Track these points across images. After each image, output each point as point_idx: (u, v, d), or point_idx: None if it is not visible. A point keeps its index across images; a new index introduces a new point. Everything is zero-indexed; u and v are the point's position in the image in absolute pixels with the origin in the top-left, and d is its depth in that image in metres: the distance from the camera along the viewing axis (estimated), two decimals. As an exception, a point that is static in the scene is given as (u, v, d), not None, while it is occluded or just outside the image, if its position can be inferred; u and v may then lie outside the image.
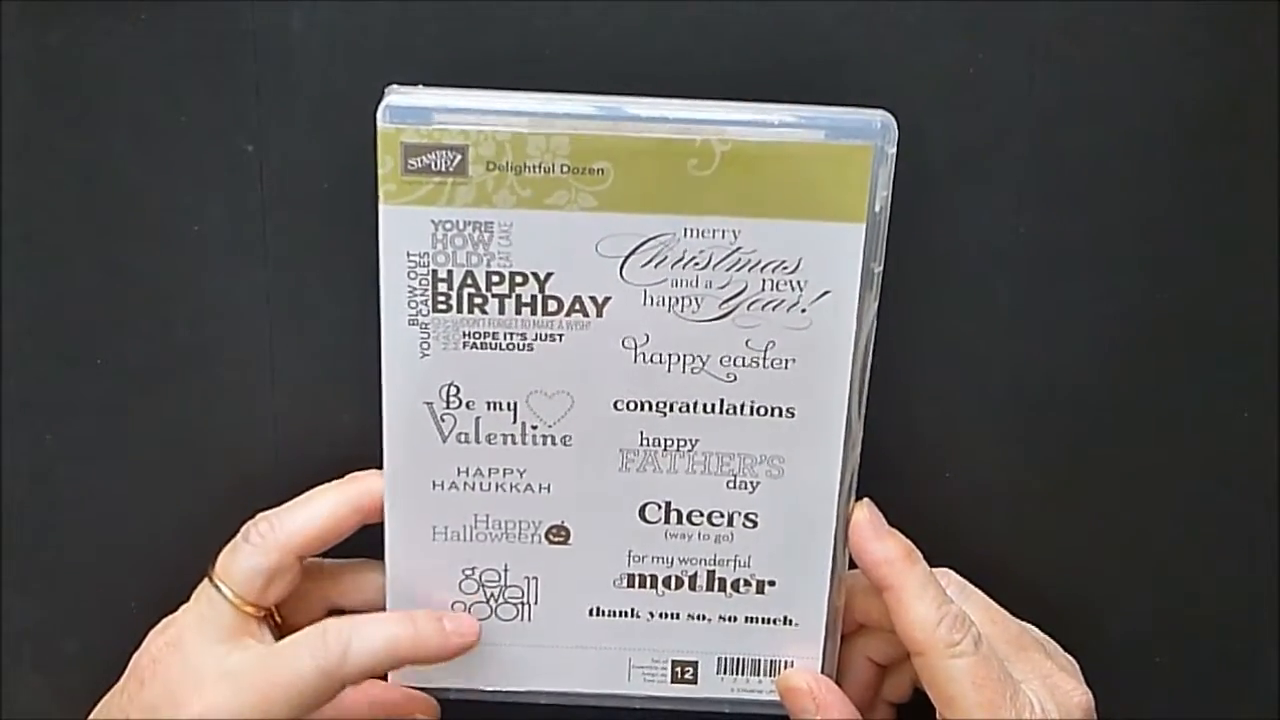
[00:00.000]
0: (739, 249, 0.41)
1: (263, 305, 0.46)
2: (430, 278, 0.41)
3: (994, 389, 0.47)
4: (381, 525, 0.44)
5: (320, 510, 0.44)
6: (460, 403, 0.43)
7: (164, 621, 0.45)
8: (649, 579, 0.45)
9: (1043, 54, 0.44)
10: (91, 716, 0.45)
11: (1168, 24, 0.44)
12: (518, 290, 0.42)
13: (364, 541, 0.45)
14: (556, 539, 0.44)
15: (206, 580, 0.44)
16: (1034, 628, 0.45)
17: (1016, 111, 0.45)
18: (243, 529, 0.44)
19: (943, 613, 0.42)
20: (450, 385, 0.43)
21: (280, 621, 0.45)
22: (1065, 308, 0.47)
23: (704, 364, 0.42)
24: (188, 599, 0.45)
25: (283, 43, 0.44)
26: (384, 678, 0.46)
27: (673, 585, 0.45)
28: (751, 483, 0.44)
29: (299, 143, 0.45)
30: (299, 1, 0.44)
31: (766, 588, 0.45)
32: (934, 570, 0.44)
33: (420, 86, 0.40)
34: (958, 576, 0.45)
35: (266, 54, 0.44)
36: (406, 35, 0.44)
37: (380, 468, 0.43)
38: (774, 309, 0.42)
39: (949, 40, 0.44)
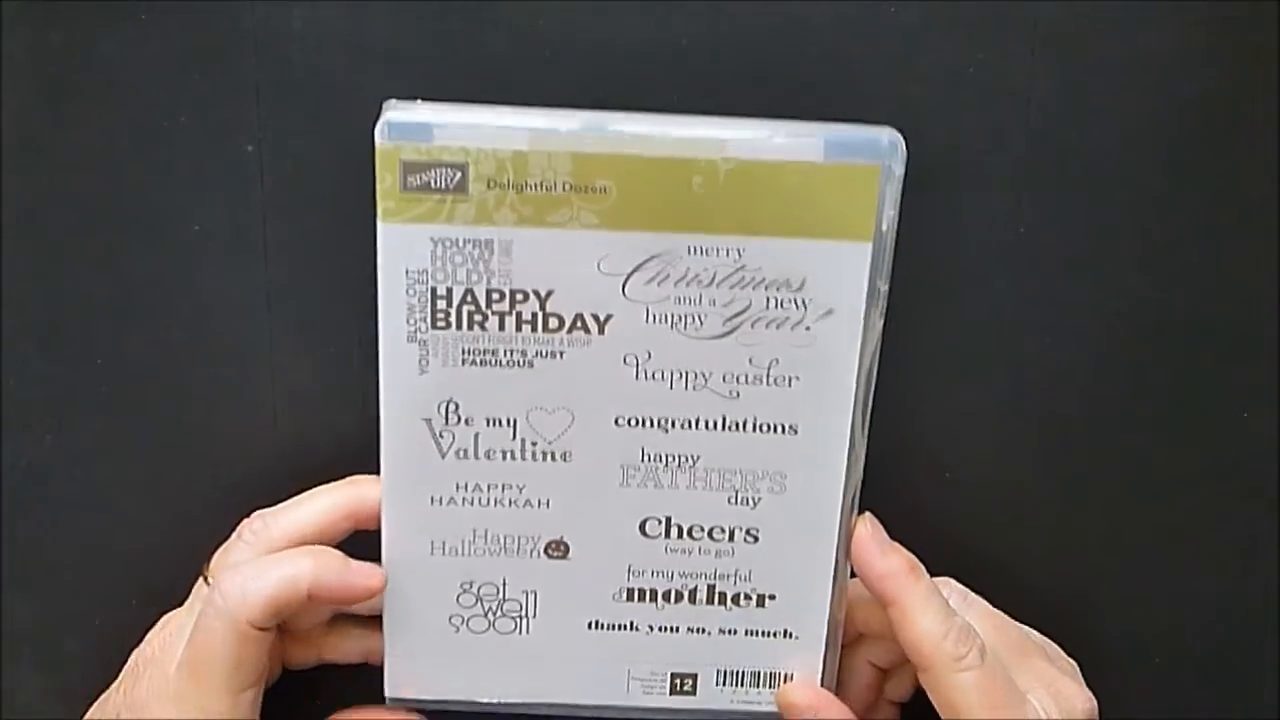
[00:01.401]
0: (743, 267, 0.40)
1: (263, 305, 0.46)
2: (429, 295, 0.41)
3: (994, 390, 0.47)
4: (379, 534, 0.44)
5: (313, 511, 0.44)
6: (459, 419, 0.42)
7: (163, 620, 0.45)
8: (649, 593, 0.44)
9: (1043, 54, 0.44)
10: (89, 714, 0.45)
11: (1168, 24, 0.44)
12: (518, 308, 0.41)
13: (364, 552, 0.44)
14: (555, 554, 0.44)
15: (201, 579, 0.44)
16: (1034, 632, 0.45)
17: (1016, 111, 0.45)
18: (238, 527, 0.44)
19: (948, 626, 0.42)
20: (449, 401, 0.42)
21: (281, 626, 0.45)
22: (1065, 308, 0.47)
23: (706, 381, 0.42)
24: (187, 598, 0.45)
25: (283, 43, 0.44)
26: (382, 700, 0.46)
27: (672, 599, 0.45)
28: (753, 498, 0.43)
29: (299, 143, 0.45)
30: (299, 1, 0.44)
31: (767, 601, 0.45)
32: (935, 580, 0.43)
33: (419, 101, 0.39)
34: (958, 585, 0.45)
35: (266, 54, 0.44)
36: (406, 35, 0.44)
37: (379, 472, 0.43)
38: (778, 327, 0.41)
39: (949, 40, 0.44)
